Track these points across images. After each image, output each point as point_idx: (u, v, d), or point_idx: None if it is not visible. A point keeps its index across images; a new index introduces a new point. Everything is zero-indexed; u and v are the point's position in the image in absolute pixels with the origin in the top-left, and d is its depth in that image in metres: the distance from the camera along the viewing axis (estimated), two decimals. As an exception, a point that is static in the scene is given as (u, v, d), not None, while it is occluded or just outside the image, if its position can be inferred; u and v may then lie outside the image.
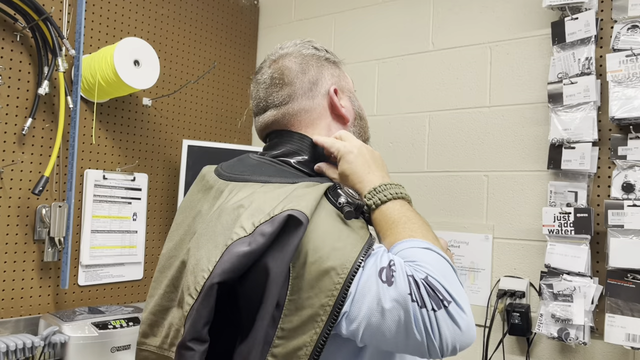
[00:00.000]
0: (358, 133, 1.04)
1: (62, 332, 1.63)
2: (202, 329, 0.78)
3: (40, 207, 1.78)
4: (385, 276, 0.74)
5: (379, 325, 0.74)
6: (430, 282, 0.73)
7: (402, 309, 0.72)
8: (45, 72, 1.76)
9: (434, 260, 0.77)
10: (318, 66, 1.01)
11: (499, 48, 1.94)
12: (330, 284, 0.75)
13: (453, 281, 0.75)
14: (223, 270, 0.76)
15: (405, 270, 0.75)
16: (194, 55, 2.32)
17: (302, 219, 0.76)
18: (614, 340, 1.58)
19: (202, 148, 2.14)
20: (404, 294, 0.72)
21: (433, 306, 0.72)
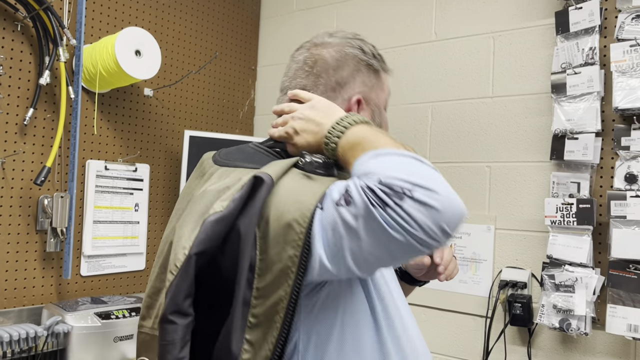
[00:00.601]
0: None
1: (65, 322, 1.63)
2: (183, 302, 0.79)
3: (42, 198, 1.79)
4: (342, 201, 0.73)
5: (360, 246, 0.72)
6: (383, 182, 0.71)
7: (368, 219, 0.70)
8: (47, 62, 1.75)
9: (386, 162, 0.74)
10: (354, 69, 0.99)
11: (502, 38, 1.93)
12: (294, 235, 0.75)
13: (412, 170, 0.72)
14: (199, 241, 0.78)
15: (357, 185, 0.73)
16: (196, 45, 2.31)
17: (265, 178, 0.78)
18: (615, 331, 1.58)
19: (204, 139, 2.13)
20: (362, 205, 0.71)
21: (395, 201, 0.69)
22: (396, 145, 0.81)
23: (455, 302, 1.94)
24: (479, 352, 1.87)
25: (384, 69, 1.04)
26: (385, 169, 0.73)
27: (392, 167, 0.73)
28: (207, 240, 0.78)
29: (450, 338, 1.95)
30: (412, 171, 0.72)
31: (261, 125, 2.56)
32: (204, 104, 2.35)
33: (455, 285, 1.91)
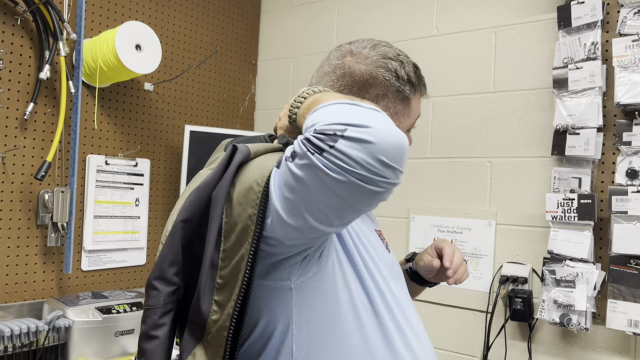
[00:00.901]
0: None
1: (66, 317, 1.63)
2: (167, 269, 0.82)
3: (43, 193, 1.78)
4: (289, 156, 0.74)
5: (310, 195, 0.73)
6: (317, 129, 0.71)
7: (311, 167, 0.71)
8: (47, 57, 1.75)
9: (323, 112, 0.75)
10: (379, 93, 0.98)
11: (503, 33, 1.92)
12: (254, 194, 0.77)
13: (347, 112, 0.72)
14: (184, 208, 0.82)
15: (299, 139, 0.74)
16: (196, 39, 2.30)
17: (242, 148, 0.82)
18: (615, 326, 1.59)
19: (205, 134, 2.13)
20: (303, 155, 0.71)
21: (329, 144, 0.69)
22: (340, 97, 0.80)
23: (456, 297, 1.94)
24: (479, 347, 1.87)
25: (420, 92, 1.03)
26: (323, 117, 0.74)
27: (329, 114, 0.74)
28: (190, 207, 0.82)
29: (450, 333, 1.95)
30: (346, 113, 0.73)
31: (262, 120, 2.56)
32: (204, 99, 2.34)
33: (455, 280, 1.91)
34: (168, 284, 0.82)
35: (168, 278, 0.82)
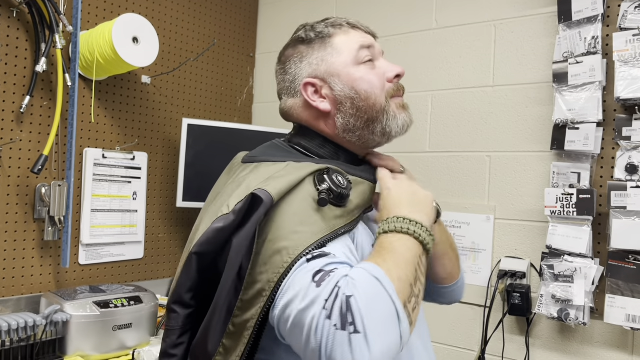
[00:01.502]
0: (354, 116, 0.95)
1: (63, 311, 1.63)
2: (184, 294, 0.85)
3: (40, 186, 1.77)
4: (318, 278, 0.73)
5: (292, 322, 0.73)
6: (350, 302, 0.68)
7: (311, 310, 0.70)
8: (43, 49, 1.73)
9: (371, 289, 0.71)
10: (297, 61, 0.99)
11: (503, 26, 1.91)
12: (280, 261, 0.76)
13: (376, 317, 0.68)
14: (200, 243, 0.82)
15: (339, 280, 0.71)
16: (194, 32, 2.28)
17: (264, 197, 0.79)
18: (613, 321, 1.59)
19: (202, 127, 2.12)
20: (321, 298, 0.70)
21: (337, 323, 0.67)
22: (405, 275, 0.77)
23: (454, 292, 1.94)
24: (477, 341, 1.87)
25: (331, 32, 0.98)
26: (363, 292, 0.71)
27: (369, 297, 0.71)
28: (207, 244, 0.82)
29: (449, 327, 1.96)
30: (375, 315, 0.70)
31: (260, 113, 2.55)
32: (202, 92, 2.33)
33: (454, 274, 1.91)
34: (185, 307, 0.86)
35: (185, 302, 0.86)
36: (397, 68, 1.00)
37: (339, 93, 0.95)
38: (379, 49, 1.02)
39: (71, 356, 1.62)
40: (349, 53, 0.97)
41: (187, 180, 2.07)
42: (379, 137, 0.98)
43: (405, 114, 0.99)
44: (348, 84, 0.95)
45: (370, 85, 0.96)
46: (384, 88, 0.97)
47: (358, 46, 0.97)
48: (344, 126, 0.96)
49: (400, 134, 0.99)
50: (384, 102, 0.96)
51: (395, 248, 0.78)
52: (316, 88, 0.97)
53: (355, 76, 0.96)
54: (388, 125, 0.96)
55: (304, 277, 0.74)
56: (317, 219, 0.81)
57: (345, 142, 0.98)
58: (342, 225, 0.83)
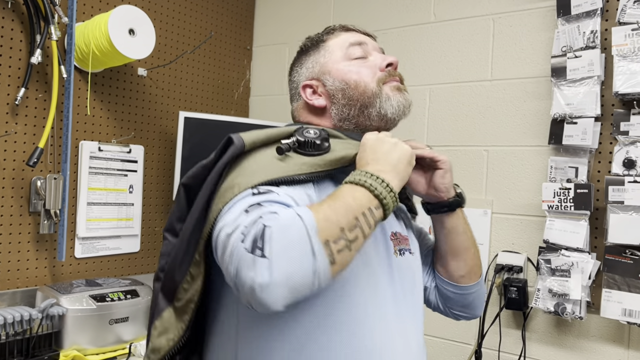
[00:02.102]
0: (347, 105, 1.01)
1: (59, 305, 1.62)
2: (175, 223, 0.91)
3: (35, 179, 1.76)
4: (250, 209, 0.77)
5: (220, 243, 0.76)
6: (264, 231, 0.71)
7: (234, 235, 0.74)
8: (38, 41, 1.71)
9: (288, 222, 0.73)
10: (299, 67, 1.08)
11: (502, 20, 1.90)
12: (230, 194, 0.81)
13: (285, 247, 0.71)
14: (187, 176, 0.90)
15: (264, 213, 0.74)
16: (190, 24, 2.26)
17: (236, 141, 0.86)
18: (610, 315, 1.60)
19: (199, 120, 2.10)
20: (242, 225, 0.74)
21: (248, 247, 0.71)
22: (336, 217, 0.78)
23: (450, 286, 1.94)
24: (473, 335, 1.88)
25: (325, 38, 1.07)
26: (279, 224, 0.74)
27: (284, 229, 0.74)
28: (192, 177, 0.89)
29: (445, 321, 1.95)
30: (285, 246, 0.72)
31: (256, 106, 2.53)
32: (198, 85, 2.31)
33: (451, 268, 1.91)
34: (176, 235, 0.90)
35: (175, 230, 0.90)
36: (390, 57, 1.04)
37: (331, 87, 1.02)
38: (375, 46, 1.07)
39: (67, 350, 1.62)
40: (340, 51, 1.04)
41: (184, 173, 2.05)
42: (376, 122, 1.01)
43: (401, 95, 1.02)
44: (338, 78, 1.02)
45: (359, 75, 1.01)
46: (375, 76, 1.02)
47: (348, 44, 1.04)
48: (339, 116, 1.02)
49: (398, 114, 1.02)
50: (374, 87, 1.01)
51: (340, 196, 0.80)
52: (313, 88, 1.04)
53: (344, 70, 1.02)
54: (382, 108, 1.00)
55: (240, 206, 0.78)
56: (279, 164, 0.86)
57: (344, 131, 1.02)
58: (302, 173, 0.86)
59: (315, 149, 0.90)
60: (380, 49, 1.09)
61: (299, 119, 1.08)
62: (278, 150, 0.88)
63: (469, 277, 1.09)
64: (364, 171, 0.84)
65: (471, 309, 1.13)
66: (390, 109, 1.00)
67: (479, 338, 1.83)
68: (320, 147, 0.90)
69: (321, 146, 0.90)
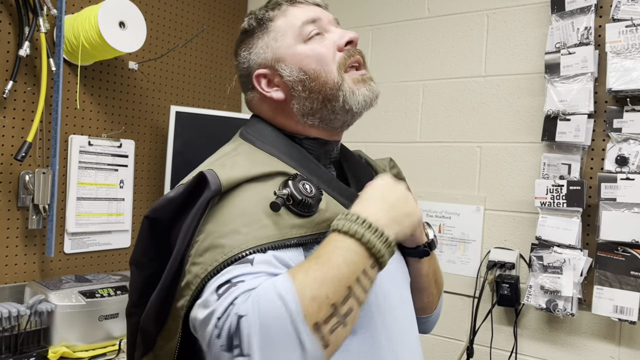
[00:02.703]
0: (308, 99, 0.89)
1: (48, 301, 1.60)
2: (140, 257, 0.84)
3: (24, 174, 1.74)
4: (222, 289, 0.68)
5: (198, 331, 0.70)
6: (240, 323, 0.63)
7: (207, 325, 0.66)
8: (26, 33, 1.69)
9: (269, 308, 0.63)
10: (247, 52, 0.94)
11: (496, 16, 1.90)
12: (211, 258, 0.72)
13: (268, 340, 0.62)
14: (153, 209, 0.81)
15: (237, 296, 0.65)
16: (182, 17, 2.24)
17: (211, 183, 0.75)
18: (601, 312, 1.60)
19: (191, 115, 2.08)
20: (214, 315, 0.66)
21: (224, 344, 0.63)
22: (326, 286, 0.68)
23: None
24: (465, 332, 1.88)
25: (271, 16, 0.92)
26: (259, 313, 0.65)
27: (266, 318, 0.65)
28: (158, 211, 0.80)
29: (437, 317, 1.96)
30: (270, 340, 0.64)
31: (249, 101, 2.51)
32: (190, 79, 2.29)
33: (443, 265, 1.91)
34: (140, 268, 0.85)
35: (142, 263, 0.84)
36: (349, 33, 0.92)
37: (288, 78, 0.90)
38: (330, 18, 0.94)
39: (56, 346, 1.60)
40: (292, 32, 0.90)
41: (175, 168, 2.04)
42: (342, 115, 0.90)
43: (366, 87, 0.90)
44: (295, 66, 0.89)
45: (317, 61, 0.88)
46: (334, 59, 0.89)
47: (300, 23, 0.90)
48: (302, 111, 0.90)
49: (365, 108, 0.91)
50: (336, 77, 0.89)
51: (330, 259, 0.68)
52: (268, 78, 0.92)
53: (301, 56, 0.89)
54: (346, 102, 0.89)
55: (214, 283, 0.69)
56: (268, 223, 0.74)
57: (308, 127, 0.92)
58: (298, 236, 0.76)
59: (308, 210, 0.78)
60: (335, 20, 0.96)
61: (258, 113, 0.96)
62: (273, 207, 0.75)
63: (421, 311, 1.03)
64: (356, 215, 0.73)
65: (422, 330, 1.07)
66: (355, 105, 0.89)
67: (471, 334, 1.83)
68: (312, 209, 0.79)
69: (313, 208, 0.79)
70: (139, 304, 0.85)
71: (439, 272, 1.06)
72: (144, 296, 0.84)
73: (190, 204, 0.76)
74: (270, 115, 0.94)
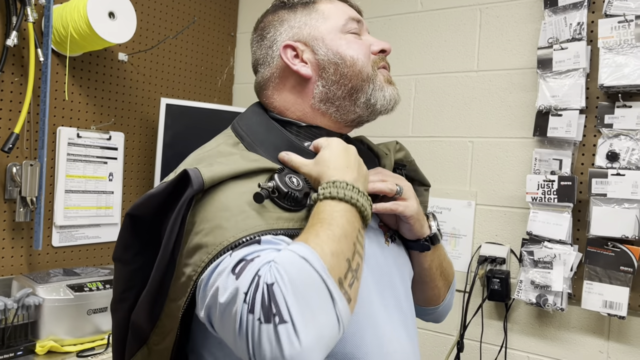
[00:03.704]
0: (337, 83, 0.87)
1: (36, 294, 1.58)
2: (122, 252, 0.82)
3: (11, 166, 1.71)
4: (239, 268, 0.67)
5: (220, 320, 0.68)
6: (272, 290, 0.62)
7: (234, 306, 0.64)
8: (14, 22, 1.66)
9: (296, 271, 0.63)
10: (277, 25, 0.92)
11: (489, 10, 1.89)
12: (199, 259, 0.72)
13: (304, 301, 0.62)
14: (135, 205, 0.79)
15: (259, 268, 0.65)
16: (173, 9, 2.21)
17: (194, 181, 0.73)
18: (590, 307, 1.61)
19: (181, 107, 2.06)
20: (240, 291, 0.64)
21: (260, 316, 0.61)
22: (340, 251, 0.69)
23: (433, 277, 1.94)
24: (456, 326, 1.88)
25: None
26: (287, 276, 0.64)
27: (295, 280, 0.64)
28: (140, 207, 0.79)
29: (427, 312, 1.96)
30: (303, 300, 0.63)
31: (240, 94, 2.50)
32: (181, 71, 2.27)
33: (434, 260, 1.91)
34: (124, 264, 0.84)
35: (123, 259, 0.83)
36: (383, 43, 0.94)
37: (322, 57, 0.88)
38: (366, 27, 0.96)
39: (44, 340, 1.58)
40: (337, 20, 0.90)
41: (165, 161, 2.02)
42: (361, 109, 0.89)
43: (393, 88, 0.92)
44: (332, 49, 0.88)
45: (356, 51, 0.89)
46: (370, 57, 0.90)
47: (347, 16, 0.91)
48: (323, 94, 0.88)
49: (386, 108, 0.90)
50: (370, 70, 0.89)
51: (335, 220, 0.71)
52: (297, 52, 0.89)
53: (341, 41, 0.89)
54: (373, 96, 0.89)
55: (225, 269, 0.68)
56: (252, 214, 0.73)
57: (319, 115, 0.89)
58: (285, 228, 0.74)
59: (295, 204, 0.77)
60: (368, 30, 0.98)
61: (265, 96, 0.93)
62: (256, 198, 0.73)
63: (427, 302, 1.04)
64: (344, 182, 0.75)
65: (430, 321, 1.09)
66: (380, 100, 0.89)
67: (461, 329, 1.83)
68: (300, 203, 0.77)
69: (301, 202, 0.78)
70: (122, 299, 0.84)
71: (446, 264, 1.03)
72: (127, 290, 0.83)
73: (174, 201, 0.75)
74: (283, 96, 0.90)
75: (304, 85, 0.89)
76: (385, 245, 0.92)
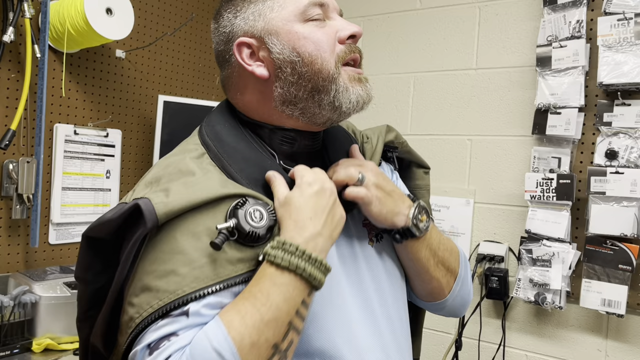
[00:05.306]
0: (295, 84, 0.78)
1: (32, 292, 1.57)
2: (82, 272, 0.77)
3: (7, 162, 1.70)
4: (153, 345, 0.65)
5: None
6: None
7: None
8: (10, 18, 1.64)
9: None
10: (232, 15, 0.82)
11: (488, 8, 1.89)
12: (146, 302, 0.68)
13: None
14: (90, 227, 0.75)
15: (170, 355, 0.63)
16: (171, 5, 2.20)
17: (147, 218, 0.68)
18: (589, 305, 1.61)
19: (179, 104, 2.05)
20: None
21: None
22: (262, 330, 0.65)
23: (432, 275, 1.94)
24: (454, 324, 1.88)
25: None
26: None
27: None
28: (96, 230, 0.74)
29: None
30: None
31: (238, 92, 2.49)
32: (179, 68, 2.26)
33: (432, 258, 1.91)
34: (83, 282, 0.79)
35: (83, 278, 0.78)
36: (352, 26, 0.81)
37: (278, 55, 0.78)
38: (335, 6, 0.84)
39: (40, 338, 1.57)
40: (294, 7, 0.79)
41: (163, 159, 2.02)
42: (327, 112, 0.80)
43: (361, 87, 0.80)
44: (289, 44, 0.78)
45: (316, 46, 0.78)
46: (334, 51, 0.79)
47: (307, 1, 0.79)
48: (283, 97, 0.79)
49: (354, 110, 0.80)
50: (332, 68, 0.78)
51: (269, 298, 0.65)
52: (252, 49, 0.80)
53: (298, 35, 0.78)
54: (337, 99, 0.78)
55: (147, 338, 0.66)
56: (208, 261, 0.68)
57: (285, 117, 0.81)
58: (241, 273, 0.69)
59: (256, 241, 0.71)
60: (340, 10, 0.86)
61: (230, 97, 0.86)
62: (213, 246, 0.67)
63: (430, 297, 0.93)
64: (292, 244, 0.68)
65: (449, 315, 0.99)
66: (346, 103, 0.79)
67: (460, 327, 1.83)
68: (263, 239, 0.72)
69: (264, 237, 0.72)
70: (84, 318, 0.80)
71: (443, 253, 0.90)
72: (90, 310, 0.79)
73: (133, 225, 0.71)
74: (246, 99, 0.83)
75: (264, 86, 0.80)
76: (367, 246, 0.85)
